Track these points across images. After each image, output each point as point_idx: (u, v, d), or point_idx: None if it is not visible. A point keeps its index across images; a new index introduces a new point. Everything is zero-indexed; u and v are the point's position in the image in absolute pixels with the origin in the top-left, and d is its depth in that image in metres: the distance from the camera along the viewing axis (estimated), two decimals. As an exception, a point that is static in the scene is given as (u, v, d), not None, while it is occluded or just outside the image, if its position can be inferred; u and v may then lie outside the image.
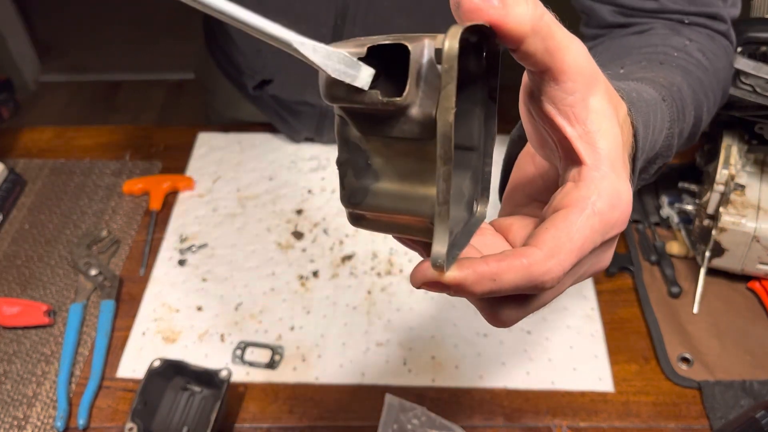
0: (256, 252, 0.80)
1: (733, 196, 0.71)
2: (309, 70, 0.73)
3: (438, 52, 0.25)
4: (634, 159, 0.38)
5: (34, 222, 0.84)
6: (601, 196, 0.28)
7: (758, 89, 0.66)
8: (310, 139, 0.94)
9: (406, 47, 0.26)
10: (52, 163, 0.92)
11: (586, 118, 0.29)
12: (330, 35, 0.74)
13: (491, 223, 0.35)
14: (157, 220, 0.84)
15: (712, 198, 0.72)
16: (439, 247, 0.26)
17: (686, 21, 0.58)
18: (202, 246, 0.81)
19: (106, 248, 0.80)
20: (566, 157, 0.30)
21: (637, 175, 0.39)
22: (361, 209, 0.30)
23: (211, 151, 0.93)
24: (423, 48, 0.26)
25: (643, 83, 0.45)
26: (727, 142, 0.75)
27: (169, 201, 0.86)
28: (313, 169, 0.90)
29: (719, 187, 0.72)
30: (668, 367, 0.68)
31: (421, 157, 0.28)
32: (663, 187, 0.84)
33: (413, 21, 0.72)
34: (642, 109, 0.39)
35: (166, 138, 0.96)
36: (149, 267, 0.78)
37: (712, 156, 0.77)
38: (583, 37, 0.63)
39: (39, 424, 0.65)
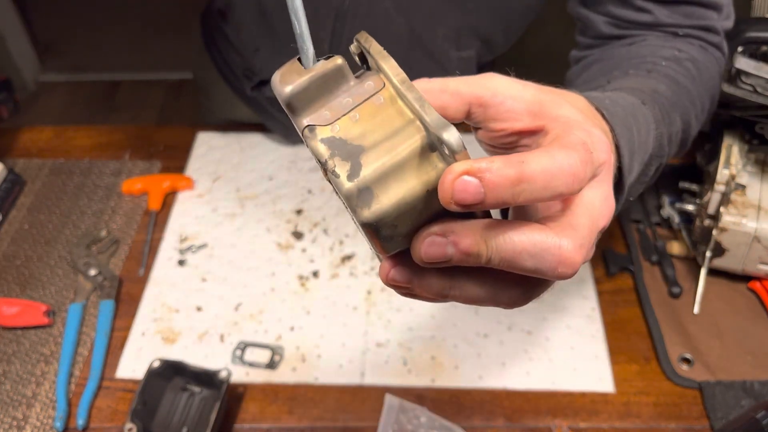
0: (255, 252, 0.80)
1: (733, 196, 0.71)
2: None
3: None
4: (619, 165, 0.38)
5: (34, 222, 0.84)
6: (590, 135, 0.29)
7: (759, 89, 0.66)
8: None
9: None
10: (51, 162, 0.92)
11: (531, 109, 0.31)
12: (328, 39, 0.73)
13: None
14: (157, 220, 0.84)
15: (713, 198, 0.72)
16: (432, 115, 0.27)
17: (680, 33, 0.58)
18: (202, 246, 0.80)
19: (105, 248, 0.80)
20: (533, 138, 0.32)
21: (633, 176, 0.39)
22: (366, 181, 0.27)
23: (211, 151, 0.93)
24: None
25: (622, 92, 0.45)
26: (727, 141, 0.75)
27: (169, 201, 0.86)
28: (312, 169, 0.90)
29: (720, 187, 0.72)
30: (669, 367, 0.68)
31: (383, 111, 0.29)
32: (664, 187, 0.84)
33: (412, 19, 0.72)
34: (618, 114, 0.39)
35: (165, 138, 0.95)
36: (149, 267, 0.78)
37: (713, 156, 0.77)
38: (578, 45, 0.64)
39: (38, 424, 0.65)
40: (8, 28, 2.54)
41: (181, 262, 0.79)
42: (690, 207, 0.77)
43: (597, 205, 0.30)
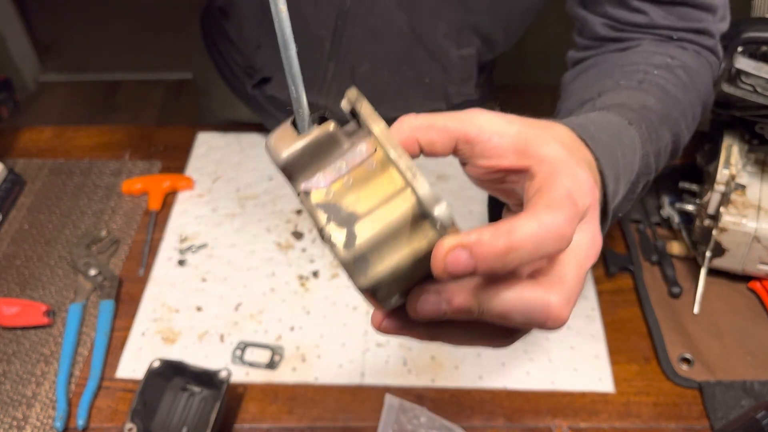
0: (255, 252, 0.80)
1: (733, 196, 0.71)
2: (309, 71, 0.74)
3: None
4: (604, 191, 0.39)
5: (34, 222, 0.84)
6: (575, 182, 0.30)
7: (758, 89, 0.66)
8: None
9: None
10: (51, 163, 0.92)
11: (513, 145, 0.32)
12: (330, 36, 0.74)
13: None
14: (157, 220, 0.84)
15: (713, 198, 0.72)
16: (423, 187, 0.28)
17: (675, 37, 0.58)
18: (202, 246, 0.80)
19: (105, 248, 0.80)
20: (519, 182, 0.32)
21: (619, 198, 0.40)
22: (362, 248, 0.29)
23: (211, 151, 0.93)
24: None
25: (609, 111, 0.45)
26: (727, 141, 0.75)
27: (169, 201, 0.86)
28: (312, 169, 0.90)
29: (720, 187, 0.72)
30: (669, 367, 0.68)
31: (376, 173, 0.30)
32: (664, 187, 0.84)
33: (413, 15, 0.72)
34: (603, 141, 0.39)
35: (165, 138, 0.95)
36: (149, 267, 0.78)
37: (713, 156, 0.77)
38: (576, 46, 0.64)
39: (38, 424, 0.65)
40: (8, 28, 2.54)
41: (181, 262, 0.79)
42: (690, 207, 0.77)
43: (584, 248, 0.31)
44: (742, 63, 0.65)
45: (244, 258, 0.79)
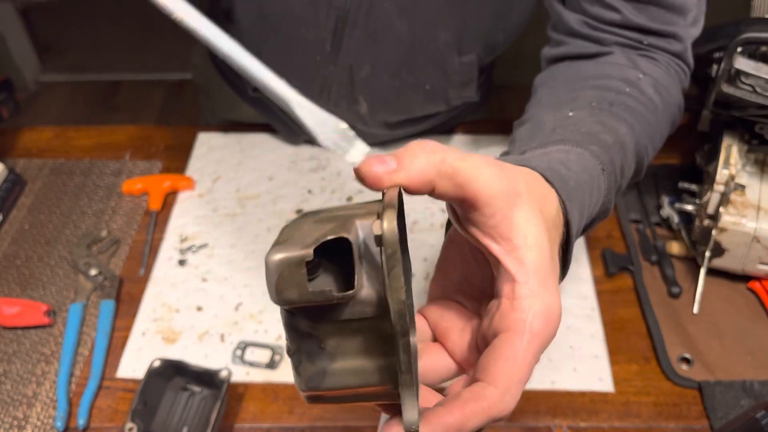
0: (255, 252, 0.80)
1: (733, 196, 0.71)
2: (309, 74, 0.74)
3: (378, 238, 0.26)
4: (565, 246, 0.39)
5: (34, 222, 0.84)
6: (537, 317, 0.30)
7: (758, 89, 0.66)
8: (309, 141, 0.94)
9: (345, 239, 0.27)
10: (51, 163, 0.92)
11: (511, 234, 0.31)
12: (330, 39, 0.74)
13: (422, 313, 0.37)
14: (157, 220, 0.84)
15: (713, 198, 0.72)
16: (410, 414, 0.28)
17: (645, 42, 0.59)
18: (202, 246, 0.81)
19: (105, 248, 0.80)
20: (497, 268, 0.32)
21: (570, 258, 0.41)
22: (320, 391, 0.30)
23: (211, 151, 0.93)
24: (357, 232, 0.28)
25: (588, 147, 0.46)
26: (727, 142, 0.75)
27: (169, 201, 0.86)
28: (313, 169, 0.90)
29: (719, 187, 0.72)
30: (668, 367, 0.68)
31: (374, 332, 0.29)
32: (663, 187, 0.84)
33: (414, 23, 0.72)
34: (576, 196, 0.40)
35: (166, 138, 0.96)
36: (149, 267, 0.78)
37: (713, 156, 0.77)
38: (550, 41, 0.64)
39: (39, 424, 0.65)
40: (8, 28, 2.54)
41: (182, 262, 0.79)
42: (689, 207, 0.77)
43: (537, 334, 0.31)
44: (742, 63, 0.66)
45: (245, 258, 0.79)
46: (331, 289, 0.27)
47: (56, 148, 0.95)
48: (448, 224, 0.39)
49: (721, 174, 0.72)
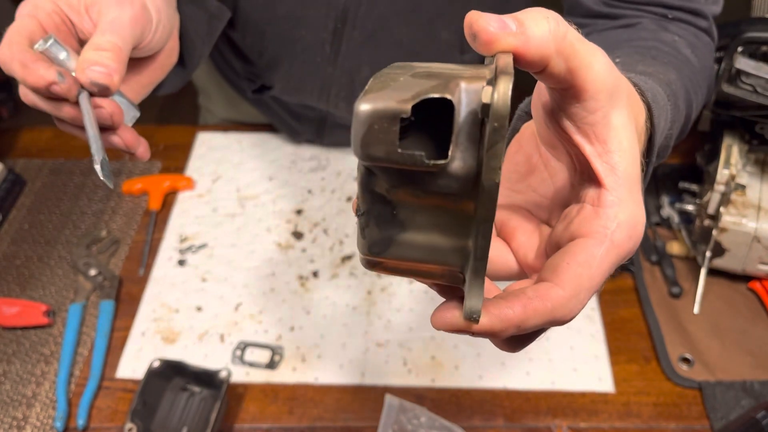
0: (255, 252, 0.80)
1: (733, 196, 0.71)
2: (309, 76, 0.74)
3: (486, 107, 0.23)
4: (647, 160, 0.37)
5: (34, 222, 0.84)
6: (621, 226, 0.28)
7: (758, 89, 0.66)
8: (310, 140, 0.94)
9: (447, 100, 0.24)
10: (51, 163, 0.92)
11: (607, 137, 0.29)
12: (330, 39, 0.73)
13: None
14: (157, 220, 0.84)
15: (713, 198, 0.72)
16: (474, 301, 0.26)
17: (669, 16, 0.57)
18: (202, 246, 0.80)
19: (105, 248, 0.80)
20: (583, 172, 0.30)
21: (647, 180, 0.39)
22: (382, 257, 0.28)
23: (211, 151, 0.93)
24: (460, 96, 0.24)
25: (652, 80, 0.44)
26: (727, 142, 0.75)
27: (169, 201, 0.86)
28: (313, 169, 0.90)
29: (720, 187, 0.72)
30: (669, 367, 0.68)
31: (454, 209, 0.26)
32: (664, 187, 0.84)
33: (413, 25, 0.71)
34: (661, 114, 0.38)
35: (165, 138, 0.95)
36: (149, 267, 0.78)
37: (713, 156, 0.77)
38: None
39: (38, 424, 0.65)
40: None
41: (181, 262, 0.79)
42: (690, 207, 0.77)
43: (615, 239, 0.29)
44: (742, 63, 0.65)
45: (244, 258, 0.79)
46: (422, 154, 0.24)
47: (56, 148, 0.94)
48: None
49: (722, 174, 0.72)
